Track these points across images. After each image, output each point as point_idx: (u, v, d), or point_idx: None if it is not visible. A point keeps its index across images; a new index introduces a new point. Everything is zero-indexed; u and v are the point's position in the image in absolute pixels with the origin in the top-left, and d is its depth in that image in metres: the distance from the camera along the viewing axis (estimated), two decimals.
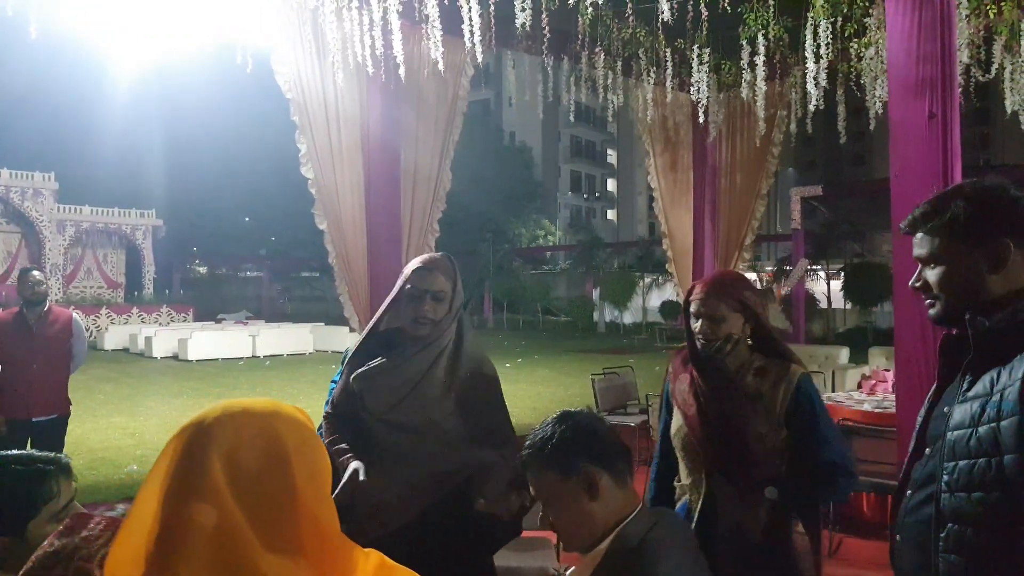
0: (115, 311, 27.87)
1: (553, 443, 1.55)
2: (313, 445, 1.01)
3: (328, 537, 0.97)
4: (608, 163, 66.53)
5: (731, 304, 2.30)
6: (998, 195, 1.49)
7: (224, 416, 0.97)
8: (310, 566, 0.94)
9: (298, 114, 5.91)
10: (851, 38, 5.28)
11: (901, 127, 2.92)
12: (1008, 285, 1.46)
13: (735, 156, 8.38)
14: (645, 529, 1.50)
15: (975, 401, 1.45)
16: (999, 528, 1.39)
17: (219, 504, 0.89)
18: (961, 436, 1.46)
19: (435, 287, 2.34)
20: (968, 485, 1.43)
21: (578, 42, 6.17)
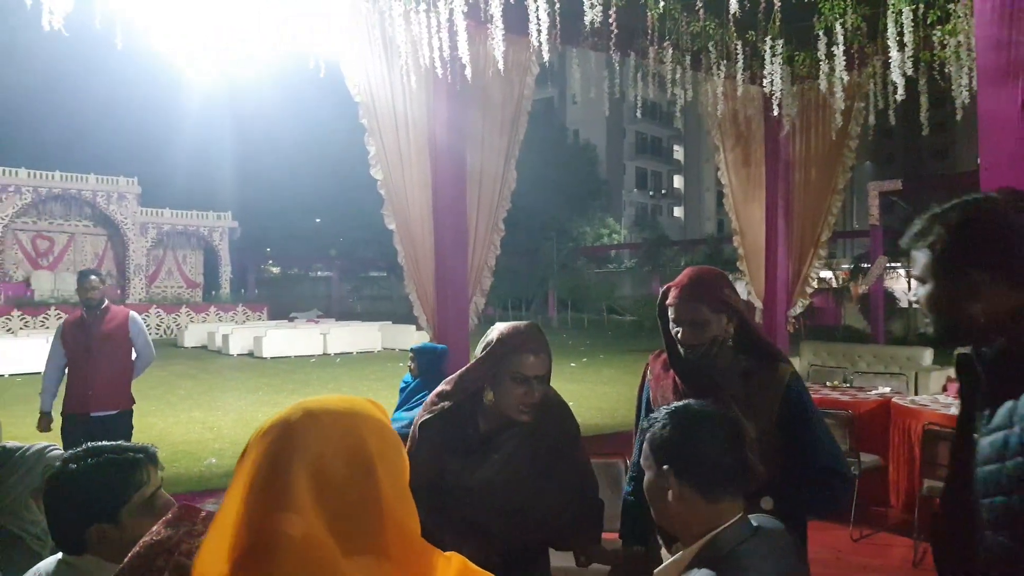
0: (194, 310, 28.91)
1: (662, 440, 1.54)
2: (394, 446, 1.00)
3: (411, 539, 0.97)
4: (675, 159, 65.61)
5: (713, 305, 2.15)
6: (980, 224, 1.44)
7: (307, 419, 0.96)
8: (394, 568, 0.94)
9: (367, 117, 6.00)
10: (934, 25, 5.05)
11: (991, 117, 2.76)
12: (991, 312, 1.42)
13: (809, 150, 8.14)
14: (739, 540, 1.45)
15: (1000, 433, 1.39)
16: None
17: (305, 515, 0.89)
18: (991, 472, 1.40)
19: (542, 372, 2.25)
20: (1006, 523, 1.37)
21: (646, 37, 6.08)
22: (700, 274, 2.24)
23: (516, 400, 2.20)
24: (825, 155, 7.93)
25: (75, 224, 28.66)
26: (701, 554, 1.46)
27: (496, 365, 2.22)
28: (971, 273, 1.42)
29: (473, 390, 2.30)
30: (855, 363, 9.64)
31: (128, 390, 5.48)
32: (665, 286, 2.31)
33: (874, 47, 5.78)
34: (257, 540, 0.89)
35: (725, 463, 1.49)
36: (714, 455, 1.50)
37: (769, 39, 5.54)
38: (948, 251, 1.46)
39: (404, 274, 6.45)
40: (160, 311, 27.91)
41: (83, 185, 27.89)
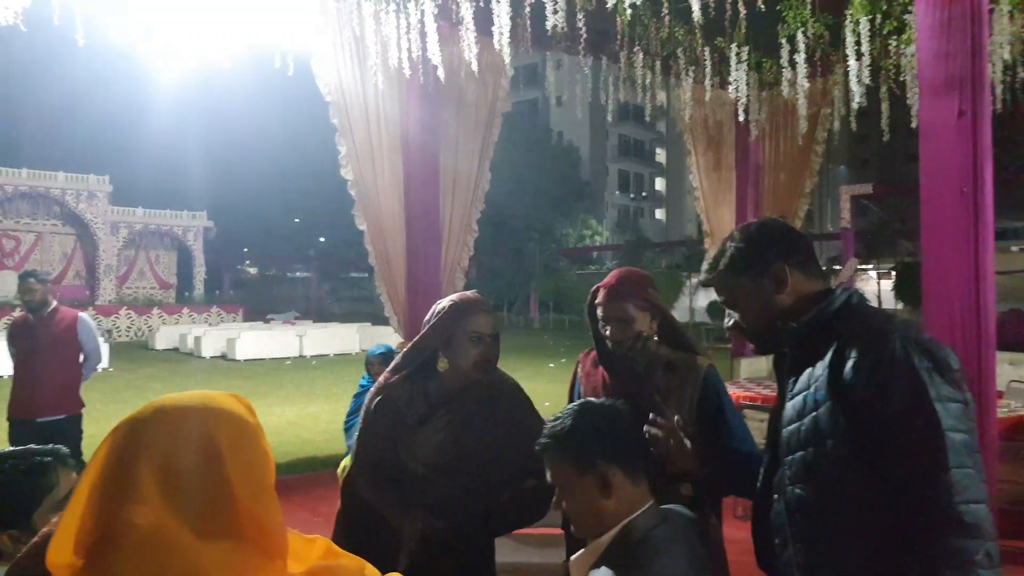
0: (166, 311, 28.44)
1: (571, 436, 1.60)
2: (249, 439, 1.02)
3: (268, 524, 0.99)
4: (657, 162, 65.89)
5: (637, 304, 2.31)
6: (762, 229, 1.72)
7: (156, 416, 0.99)
8: (253, 551, 0.97)
9: (338, 116, 6.02)
10: (890, 35, 5.18)
11: (930, 126, 2.86)
12: (796, 297, 1.67)
13: (778, 155, 8.27)
14: (650, 525, 1.53)
15: (799, 396, 1.60)
16: (835, 512, 1.51)
17: (152, 505, 0.92)
18: (792, 431, 1.60)
19: (494, 330, 2.36)
20: (803, 475, 1.56)
21: (616, 42, 6.16)
22: (626, 275, 2.40)
23: (473, 358, 2.31)
24: (793, 159, 8.06)
25: (43, 223, 27.88)
26: (616, 541, 1.53)
27: (449, 329, 2.33)
28: (771, 267, 1.67)
29: (426, 359, 2.40)
30: None
31: (76, 394, 5.32)
32: (594, 287, 2.44)
33: (838, 55, 5.90)
34: (106, 531, 0.93)
35: (638, 438, 1.62)
36: (632, 431, 1.62)
37: (735, 46, 5.64)
38: (745, 258, 1.70)
39: (375, 275, 6.47)
40: (131, 313, 27.49)
41: (51, 183, 27.18)
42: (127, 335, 26.62)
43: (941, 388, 1.46)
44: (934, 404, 1.43)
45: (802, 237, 1.75)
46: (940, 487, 1.39)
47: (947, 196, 2.77)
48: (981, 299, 2.66)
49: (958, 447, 1.42)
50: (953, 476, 1.39)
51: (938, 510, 1.39)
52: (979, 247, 2.67)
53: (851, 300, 1.65)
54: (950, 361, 1.51)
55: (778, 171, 8.29)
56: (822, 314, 1.63)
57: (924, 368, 1.46)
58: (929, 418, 1.42)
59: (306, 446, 8.92)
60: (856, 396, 1.50)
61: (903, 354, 1.48)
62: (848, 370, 1.51)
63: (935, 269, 2.83)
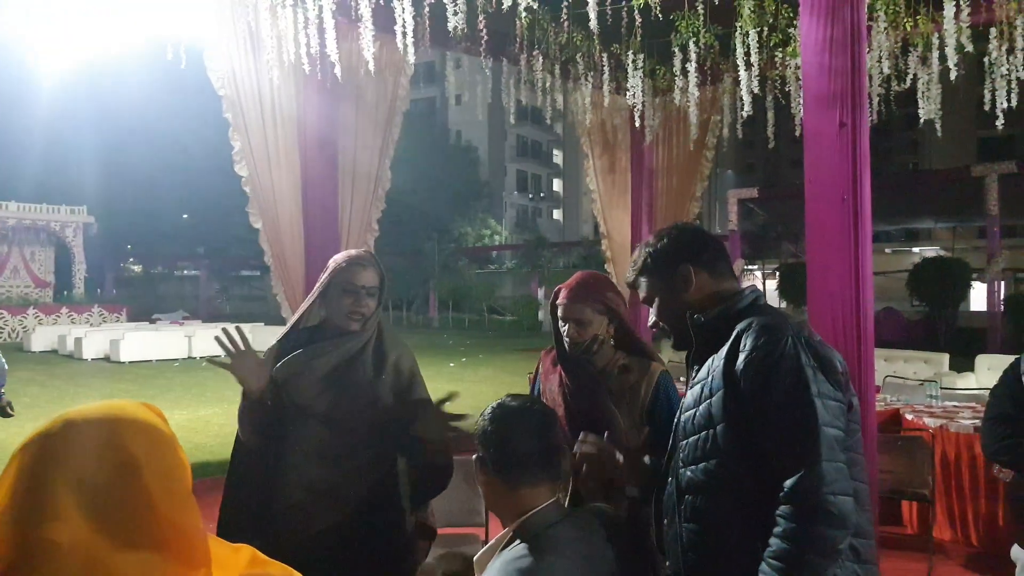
0: (43, 311, 26.78)
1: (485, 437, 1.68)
2: (164, 447, 1.00)
3: (189, 533, 0.97)
4: (554, 163, 66.86)
5: (595, 307, 2.40)
6: (671, 235, 1.88)
7: (66, 430, 0.96)
8: (174, 561, 0.95)
9: (231, 111, 5.82)
10: (776, 47, 5.45)
11: (814, 136, 3.05)
12: (703, 295, 1.81)
13: (671, 159, 8.56)
14: (547, 523, 1.56)
15: (698, 384, 1.74)
16: (720, 494, 1.63)
17: (69, 521, 0.90)
18: (688, 416, 1.74)
19: (370, 283, 2.40)
20: (695, 458, 1.68)
21: (516, 45, 6.22)
22: (588, 278, 2.50)
23: (345, 308, 2.36)
24: (684, 164, 8.36)
25: None
26: (513, 537, 1.56)
27: (326, 282, 2.42)
28: (679, 269, 1.82)
29: (309, 319, 2.47)
30: None
31: None
32: (557, 287, 2.52)
33: (727, 64, 6.16)
34: (22, 553, 0.89)
35: (527, 453, 1.62)
36: (517, 447, 1.63)
37: (631, 53, 5.80)
38: (658, 262, 1.86)
39: (271, 274, 6.30)
40: (4, 313, 25.77)
41: None
42: (0, 337, 24.87)
43: (822, 386, 1.58)
44: (814, 399, 1.55)
45: (712, 240, 1.89)
46: (811, 477, 1.50)
47: (829, 202, 2.95)
48: (861, 299, 2.85)
49: (831, 442, 1.53)
50: (824, 468, 1.50)
51: (807, 498, 1.49)
52: (859, 250, 2.86)
53: (757, 301, 1.79)
54: (835, 363, 1.64)
55: (670, 175, 8.57)
56: (727, 311, 1.76)
57: (809, 366, 1.58)
58: (807, 411, 1.54)
59: (197, 451, 8.60)
60: (744, 385, 1.61)
61: (792, 351, 1.59)
62: (740, 361, 1.63)
63: (818, 271, 3.01)
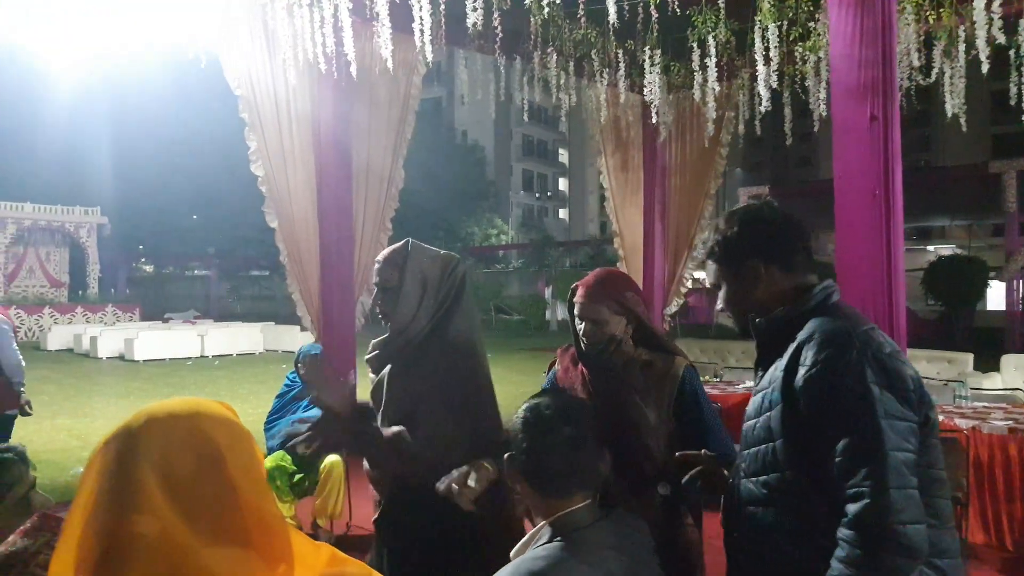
0: (59, 311, 26.98)
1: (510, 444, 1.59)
2: (243, 440, 1.01)
3: (274, 528, 0.97)
4: (560, 162, 66.77)
5: (612, 307, 2.30)
6: (743, 223, 1.73)
7: (150, 423, 0.96)
8: (259, 556, 0.94)
9: (248, 111, 5.82)
10: (796, 42, 5.41)
11: (843, 130, 3.00)
12: (771, 292, 1.69)
13: (684, 156, 8.51)
14: (578, 525, 1.50)
15: (760, 393, 1.65)
16: (780, 507, 1.56)
17: (157, 513, 0.89)
18: (750, 426, 1.66)
19: (387, 279, 2.27)
20: (755, 470, 1.62)
21: (531, 42, 6.20)
22: (605, 276, 2.38)
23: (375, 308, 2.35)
24: (698, 161, 8.31)
25: None
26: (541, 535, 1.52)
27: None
28: (747, 263, 1.70)
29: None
30: (725, 359, 10.13)
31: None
32: (575, 284, 2.42)
33: (743, 60, 6.11)
34: (110, 545, 0.89)
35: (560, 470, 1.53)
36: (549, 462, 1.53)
37: (648, 49, 5.76)
38: (726, 251, 1.74)
39: (287, 273, 6.30)
40: (21, 312, 25.90)
41: None
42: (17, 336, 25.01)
43: (890, 405, 1.45)
44: (880, 421, 1.43)
45: (787, 229, 1.72)
46: (878, 506, 1.40)
47: (860, 196, 2.91)
48: (893, 297, 2.81)
49: (899, 467, 1.42)
50: (892, 497, 1.40)
51: (874, 528, 1.40)
52: (891, 246, 2.81)
53: (828, 300, 1.65)
54: (906, 378, 1.50)
55: (684, 172, 8.52)
56: (790, 313, 1.64)
57: (875, 383, 1.46)
58: (872, 435, 1.43)
59: None
60: (804, 403, 1.50)
61: (856, 367, 1.47)
62: (800, 377, 1.52)
63: (848, 267, 2.97)
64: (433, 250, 2.37)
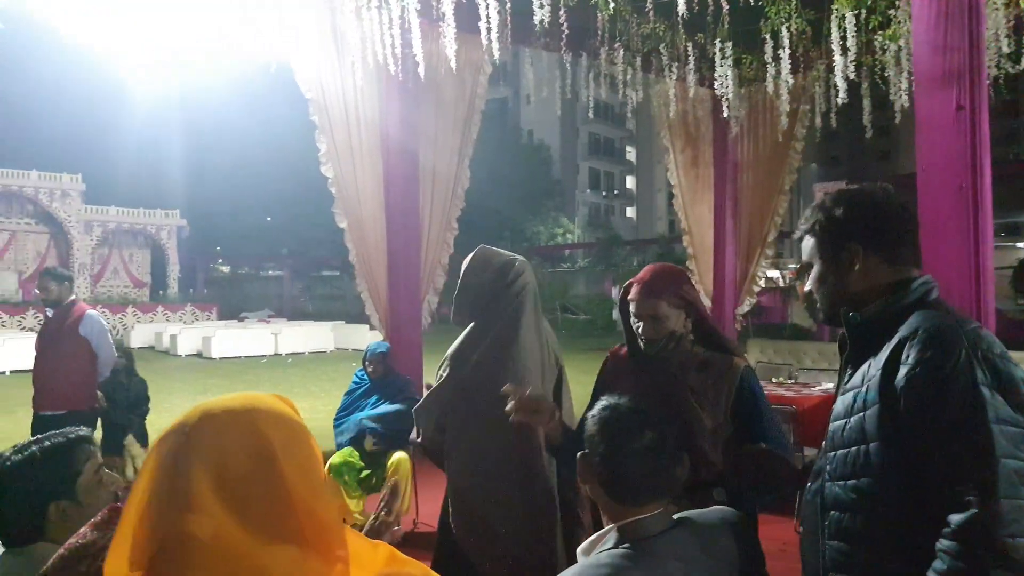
0: (141, 310, 28.17)
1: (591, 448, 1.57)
2: (300, 437, 0.98)
3: (329, 527, 0.96)
4: (627, 160, 66.11)
5: (672, 301, 2.21)
6: (851, 203, 1.61)
7: (204, 420, 0.95)
8: (316, 555, 0.93)
9: (318, 114, 5.93)
10: (875, 30, 5.18)
11: (927, 120, 2.85)
12: (868, 283, 1.57)
13: (757, 152, 8.29)
14: (650, 533, 1.45)
15: (850, 392, 1.54)
16: (871, 513, 1.46)
17: (209, 512, 0.89)
18: (838, 427, 1.55)
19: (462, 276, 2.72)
20: (844, 473, 1.51)
21: (597, 38, 6.12)
22: (661, 271, 2.31)
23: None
24: (771, 156, 8.08)
25: (16, 222, 27.69)
26: (618, 535, 1.46)
27: None
28: (847, 247, 1.58)
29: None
30: (800, 360, 9.83)
31: (85, 390, 5.33)
32: (628, 281, 2.35)
33: (818, 51, 5.91)
34: (164, 545, 0.88)
35: (636, 477, 1.48)
36: (626, 470, 1.48)
37: (719, 41, 5.62)
38: (826, 230, 1.62)
39: (355, 273, 6.39)
40: (106, 311, 27.05)
41: (25, 182, 27.01)
42: None
43: (1002, 409, 1.35)
44: (991, 426, 1.33)
45: (899, 217, 1.59)
46: (986, 516, 1.29)
47: (945, 190, 2.75)
48: (982, 296, 2.64)
49: (1011, 475, 1.31)
50: (1002, 507, 1.29)
51: (981, 540, 1.30)
52: (979, 243, 2.65)
53: (928, 296, 1.53)
54: (1017, 380, 1.38)
55: (756, 168, 8.31)
56: (888, 308, 1.53)
57: (986, 385, 1.35)
58: (982, 440, 1.33)
59: None
60: (906, 404, 1.41)
61: (966, 367, 1.37)
62: (901, 376, 1.42)
63: (933, 266, 2.81)
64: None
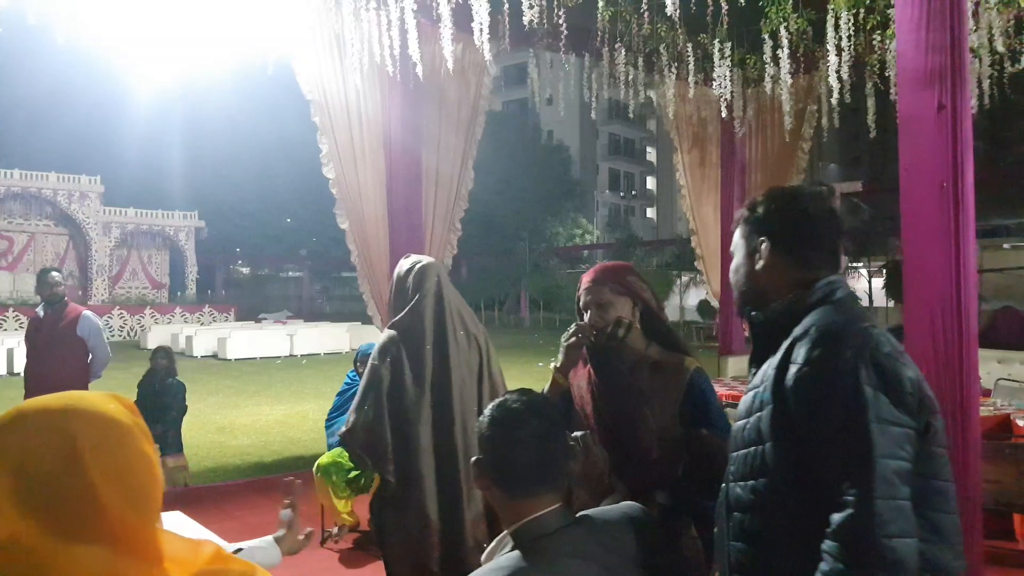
0: (159, 311, 28.46)
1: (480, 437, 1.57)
2: (117, 439, 0.97)
3: (141, 528, 0.95)
4: (647, 161, 65.86)
5: (615, 288, 2.28)
6: (771, 202, 1.64)
7: (15, 420, 0.95)
8: (130, 556, 0.93)
9: (319, 115, 5.96)
10: (874, 30, 5.13)
11: (910, 119, 2.81)
12: (774, 281, 1.59)
13: (764, 152, 8.22)
14: (545, 532, 1.43)
15: (751, 392, 1.55)
16: (767, 514, 1.46)
17: (6, 515, 0.88)
18: (739, 427, 1.56)
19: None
20: (743, 474, 1.51)
21: (598, 39, 6.11)
22: (607, 264, 2.44)
23: None
24: (779, 156, 8.02)
25: (35, 223, 27.98)
26: (516, 532, 1.46)
27: None
28: (756, 239, 1.62)
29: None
30: None
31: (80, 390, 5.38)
32: (580, 277, 2.42)
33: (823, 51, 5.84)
34: None
35: (525, 465, 1.47)
36: (514, 457, 1.48)
37: (718, 42, 5.59)
38: (746, 224, 1.67)
39: (358, 273, 6.41)
40: (124, 312, 27.46)
41: (43, 184, 27.26)
42: (120, 335, 26.47)
43: (884, 409, 1.35)
44: (870, 426, 1.34)
45: (817, 221, 1.58)
46: (862, 516, 1.31)
47: (927, 190, 2.72)
48: (962, 296, 2.60)
49: (890, 476, 1.32)
50: (877, 507, 1.30)
51: (857, 540, 1.31)
52: (960, 243, 2.61)
53: (832, 296, 1.54)
54: (904, 381, 1.40)
55: (764, 169, 8.24)
56: (788, 308, 1.55)
57: (869, 384, 1.36)
58: (862, 441, 1.33)
59: (293, 445, 8.88)
60: (793, 404, 1.42)
61: (850, 369, 1.38)
62: (791, 375, 1.43)
63: (915, 266, 2.78)
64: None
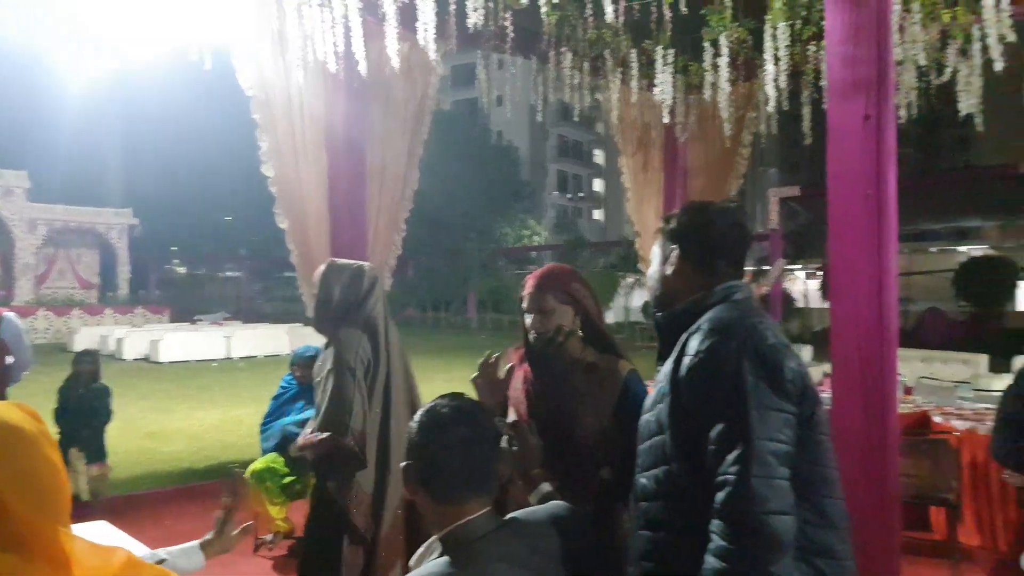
0: (88, 312, 27.28)
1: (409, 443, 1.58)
2: (21, 448, 0.98)
3: (48, 535, 0.95)
4: (595, 163, 66.55)
5: (559, 296, 2.30)
6: (685, 215, 1.82)
7: None
8: (41, 562, 0.93)
9: (259, 111, 5.86)
10: (810, 41, 5.28)
11: (837, 130, 2.92)
12: (681, 286, 1.74)
13: (706, 157, 8.38)
14: (474, 536, 1.43)
15: (655, 387, 1.66)
16: (669, 504, 1.56)
17: None
18: (644, 421, 1.67)
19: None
20: (647, 464, 1.62)
21: (544, 42, 6.15)
22: (552, 268, 2.44)
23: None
24: (719, 162, 8.19)
25: None
26: (445, 538, 1.46)
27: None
28: (669, 247, 1.80)
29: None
30: None
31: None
32: (524, 278, 2.44)
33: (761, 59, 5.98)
34: None
35: (453, 470, 1.46)
36: (442, 462, 1.47)
37: (661, 48, 5.68)
38: (663, 234, 1.83)
39: (297, 274, 6.31)
40: (50, 314, 26.32)
41: None
42: (44, 337, 25.43)
43: (764, 396, 1.46)
44: (749, 411, 1.43)
45: (721, 233, 1.76)
46: (739, 494, 1.40)
47: (852, 197, 2.83)
48: (884, 299, 2.71)
49: (765, 457, 1.41)
50: (754, 485, 1.39)
51: (735, 516, 1.40)
52: (882, 248, 2.72)
53: (730, 297, 1.66)
54: (784, 371, 1.50)
55: (705, 173, 8.40)
56: (689, 308, 1.68)
57: (751, 374, 1.47)
58: (739, 423, 1.43)
59: (228, 450, 8.69)
60: (685, 394, 1.53)
61: (733, 356, 1.49)
62: (683, 366, 1.55)
63: (842, 269, 2.88)
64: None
